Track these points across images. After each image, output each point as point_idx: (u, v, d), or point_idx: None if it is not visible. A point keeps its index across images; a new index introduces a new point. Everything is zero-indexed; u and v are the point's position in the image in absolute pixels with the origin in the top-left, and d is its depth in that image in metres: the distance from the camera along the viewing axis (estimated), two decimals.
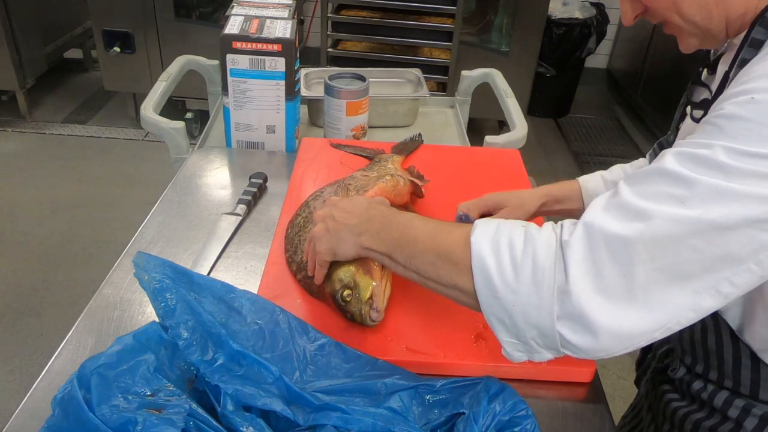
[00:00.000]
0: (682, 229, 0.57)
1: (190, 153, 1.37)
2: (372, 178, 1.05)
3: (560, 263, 0.60)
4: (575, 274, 0.59)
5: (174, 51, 2.25)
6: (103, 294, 0.95)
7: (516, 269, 0.62)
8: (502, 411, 0.68)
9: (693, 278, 0.58)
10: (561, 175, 3.29)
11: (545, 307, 0.60)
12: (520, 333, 0.63)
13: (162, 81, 1.50)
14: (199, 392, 0.70)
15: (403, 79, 1.74)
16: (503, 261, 0.62)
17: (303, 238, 0.95)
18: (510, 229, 0.65)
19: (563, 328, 0.60)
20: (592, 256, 0.59)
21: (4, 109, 3.51)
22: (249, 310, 0.78)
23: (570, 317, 0.60)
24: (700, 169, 0.57)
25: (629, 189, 0.61)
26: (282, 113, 1.34)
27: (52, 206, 2.82)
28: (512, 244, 0.63)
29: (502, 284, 0.62)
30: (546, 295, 0.60)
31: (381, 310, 0.84)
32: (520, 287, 0.61)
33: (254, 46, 1.26)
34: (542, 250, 0.61)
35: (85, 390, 0.63)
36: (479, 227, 0.66)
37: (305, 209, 1.03)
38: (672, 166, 0.59)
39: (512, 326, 0.63)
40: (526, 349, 0.65)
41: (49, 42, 3.52)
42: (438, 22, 2.79)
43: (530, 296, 0.61)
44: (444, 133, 1.59)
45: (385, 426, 0.66)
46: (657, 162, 0.61)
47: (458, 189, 1.20)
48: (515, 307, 0.62)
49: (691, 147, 0.59)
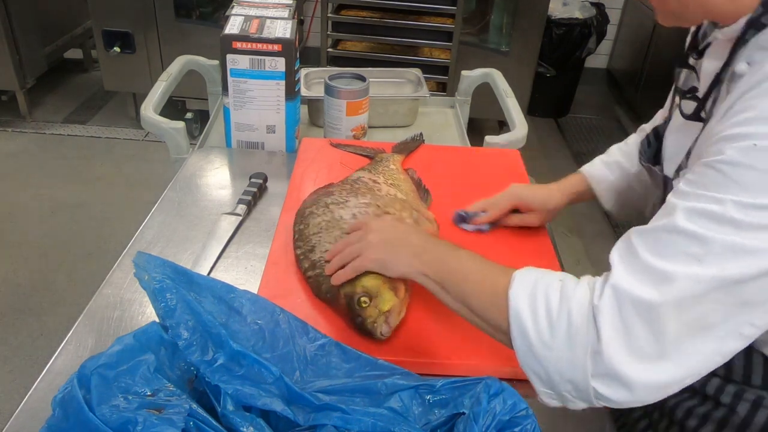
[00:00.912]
0: (703, 287, 0.60)
1: (190, 153, 1.37)
2: (401, 202, 1.04)
3: (592, 324, 0.63)
4: (607, 336, 0.61)
5: (174, 51, 2.25)
6: (103, 294, 0.95)
7: (551, 326, 0.65)
8: (502, 411, 0.68)
9: (717, 326, 0.61)
10: (561, 174, 3.28)
11: (579, 365, 0.63)
12: (555, 386, 0.66)
13: (162, 81, 1.50)
14: (199, 392, 0.70)
15: (403, 79, 1.74)
16: (539, 317, 0.65)
17: (325, 240, 0.94)
18: (547, 284, 0.67)
19: (597, 383, 0.63)
20: (622, 319, 0.62)
21: (4, 109, 3.51)
22: (249, 310, 0.78)
23: (604, 375, 0.62)
24: (713, 225, 0.60)
25: (647, 250, 0.63)
26: (282, 113, 1.34)
27: (52, 206, 2.82)
28: (548, 301, 0.66)
29: (538, 340, 0.65)
30: (580, 353, 0.63)
31: (392, 327, 0.84)
32: (555, 344, 0.64)
33: (254, 46, 1.26)
34: (576, 309, 0.64)
35: (85, 390, 0.63)
36: (518, 281, 0.69)
37: (326, 212, 1.00)
38: (685, 225, 0.61)
39: (547, 379, 0.66)
40: (560, 399, 0.68)
41: (49, 42, 3.52)
42: (438, 22, 2.79)
43: (564, 353, 0.64)
44: (444, 133, 1.59)
45: (385, 426, 0.66)
46: (669, 217, 0.63)
47: (458, 189, 1.20)
48: (550, 362, 0.65)
49: (702, 202, 0.61)
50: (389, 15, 2.81)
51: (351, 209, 1.00)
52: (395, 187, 1.11)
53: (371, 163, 1.22)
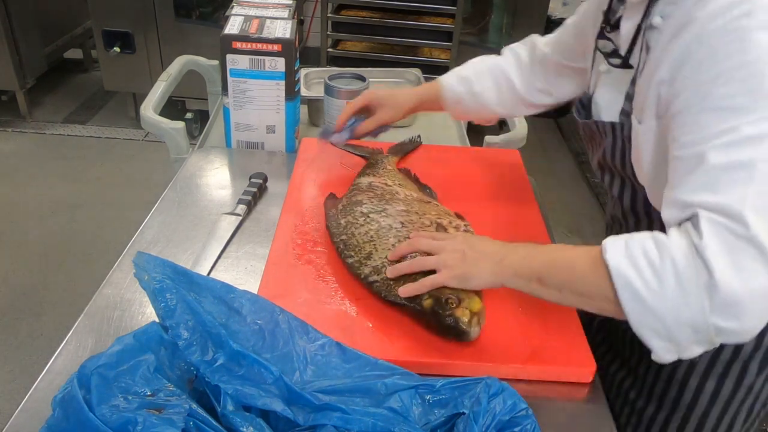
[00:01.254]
0: None
1: (190, 153, 1.37)
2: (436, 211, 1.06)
3: (699, 262, 0.65)
4: (719, 269, 0.64)
5: (174, 51, 2.25)
6: (103, 294, 0.95)
7: (658, 277, 0.67)
8: (502, 411, 0.68)
9: None
10: (561, 174, 3.29)
11: (696, 305, 0.65)
12: (673, 335, 0.68)
13: (162, 81, 1.50)
14: (199, 392, 0.70)
15: (403, 79, 1.74)
16: (644, 272, 0.67)
17: (381, 247, 0.95)
18: (639, 241, 0.70)
19: (717, 318, 0.65)
20: (729, 250, 0.65)
21: (4, 109, 3.51)
22: (249, 310, 0.78)
23: (723, 307, 0.65)
24: (748, 147, 0.66)
25: (710, 194, 0.67)
26: (282, 113, 1.34)
27: (52, 206, 2.82)
28: (647, 254, 0.68)
29: (649, 293, 0.67)
30: (694, 293, 0.65)
31: (481, 328, 0.84)
32: (667, 292, 0.66)
33: (254, 46, 1.26)
34: (678, 253, 0.66)
35: (85, 390, 0.63)
36: (609, 246, 0.72)
37: (368, 221, 1.01)
38: (723, 159, 0.67)
39: (665, 331, 0.68)
40: (677, 349, 0.70)
41: (49, 42, 3.52)
42: (438, 22, 2.79)
43: (678, 298, 0.66)
44: (444, 133, 1.59)
45: (385, 426, 0.66)
46: (703, 163, 0.68)
47: (458, 189, 1.20)
48: (665, 312, 0.67)
49: (728, 135, 0.67)
50: (389, 15, 2.82)
51: (395, 217, 1.01)
52: (404, 187, 1.13)
53: (369, 166, 1.21)
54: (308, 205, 1.14)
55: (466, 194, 1.18)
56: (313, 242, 1.04)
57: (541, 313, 0.91)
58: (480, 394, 0.69)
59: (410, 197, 1.09)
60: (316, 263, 1.00)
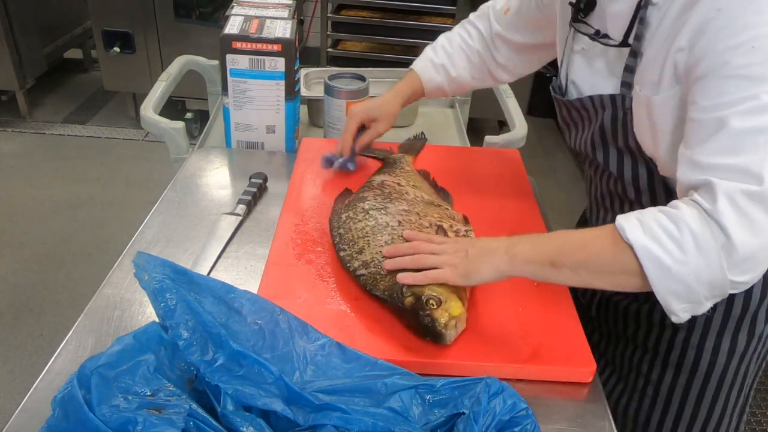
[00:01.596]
0: None
1: (190, 153, 1.37)
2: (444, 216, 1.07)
3: (715, 227, 0.71)
4: (734, 231, 0.70)
5: (174, 51, 2.25)
6: (103, 294, 0.95)
7: (679, 245, 0.72)
8: (502, 411, 0.68)
9: None
10: (561, 174, 3.29)
11: (715, 265, 0.71)
12: (693, 295, 0.74)
13: (162, 81, 1.50)
14: (199, 392, 0.70)
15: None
16: (664, 242, 0.73)
17: (374, 243, 0.96)
18: (652, 215, 0.75)
19: (734, 275, 0.72)
20: (742, 212, 0.70)
21: (4, 109, 3.51)
22: (249, 310, 0.78)
23: (739, 264, 0.71)
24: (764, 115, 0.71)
25: (727, 155, 0.72)
26: (282, 113, 1.34)
27: (52, 206, 2.82)
28: (664, 227, 0.73)
29: (673, 261, 0.72)
30: (713, 255, 0.71)
31: (458, 333, 0.84)
32: (689, 258, 0.72)
33: (254, 46, 1.26)
34: (693, 222, 0.72)
35: (85, 390, 0.63)
36: (626, 223, 0.76)
37: (367, 217, 1.02)
38: (742, 124, 0.71)
39: (686, 292, 0.74)
40: (693, 308, 0.76)
41: (49, 42, 3.52)
42: (438, 22, 2.79)
43: (699, 261, 0.72)
44: (444, 133, 1.59)
45: (385, 426, 0.66)
46: (723, 128, 0.72)
47: (458, 189, 1.20)
48: (689, 275, 0.72)
49: (747, 102, 0.71)
50: (389, 15, 2.82)
51: (394, 216, 1.02)
52: (417, 188, 1.13)
53: (386, 165, 1.22)
54: (308, 205, 1.14)
55: (466, 194, 1.18)
56: (313, 242, 1.04)
57: (541, 313, 0.91)
58: (480, 394, 0.69)
59: (418, 198, 1.09)
60: (316, 263, 1.00)
